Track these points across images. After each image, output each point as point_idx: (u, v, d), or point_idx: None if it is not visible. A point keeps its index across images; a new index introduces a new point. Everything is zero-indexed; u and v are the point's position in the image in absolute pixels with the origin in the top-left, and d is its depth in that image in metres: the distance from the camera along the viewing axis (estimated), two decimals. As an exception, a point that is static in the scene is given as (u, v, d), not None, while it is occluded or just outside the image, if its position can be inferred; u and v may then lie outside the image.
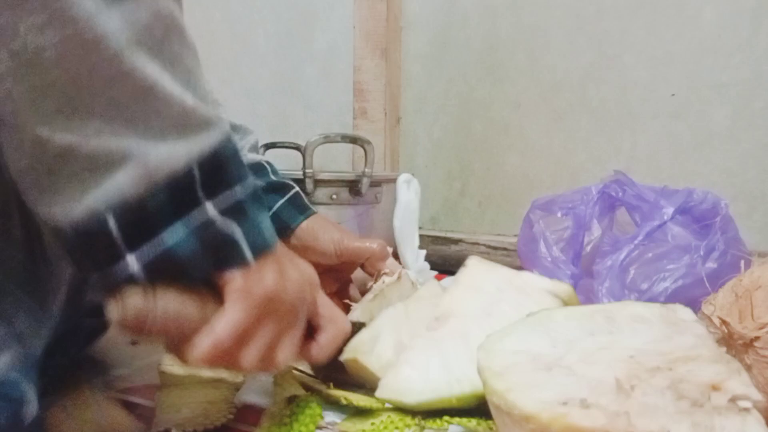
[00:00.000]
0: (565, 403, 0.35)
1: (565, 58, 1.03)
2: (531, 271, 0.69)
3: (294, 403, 0.46)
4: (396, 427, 0.46)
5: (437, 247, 1.10)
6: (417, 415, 0.47)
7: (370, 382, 0.52)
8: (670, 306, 0.44)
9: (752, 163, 0.94)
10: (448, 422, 0.47)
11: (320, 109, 1.24)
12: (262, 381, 0.52)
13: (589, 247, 0.72)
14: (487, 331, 0.44)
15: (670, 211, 0.69)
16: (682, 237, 0.67)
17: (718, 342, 0.44)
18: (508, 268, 0.57)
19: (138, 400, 0.54)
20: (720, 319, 0.45)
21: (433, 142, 1.16)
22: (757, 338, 0.43)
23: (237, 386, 0.55)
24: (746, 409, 0.34)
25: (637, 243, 0.68)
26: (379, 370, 0.51)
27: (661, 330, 0.41)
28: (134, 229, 0.34)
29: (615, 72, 1.00)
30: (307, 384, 0.51)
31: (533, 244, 0.74)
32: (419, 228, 0.86)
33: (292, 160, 0.97)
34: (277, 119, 1.28)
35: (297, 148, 0.96)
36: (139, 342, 0.69)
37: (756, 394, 0.34)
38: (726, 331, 0.45)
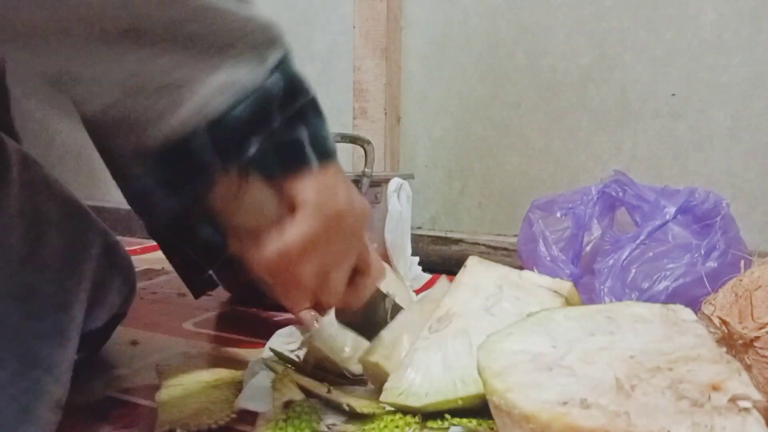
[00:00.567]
0: (565, 403, 0.35)
1: (566, 58, 1.03)
2: (531, 270, 0.69)
3: (290, 407, 0.46)
4: (396, 426, 0.46)
5: (437, 247, 1.10)
6: (418, 415, 0.47)
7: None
8: (671, 306, 0.44)
9: (753, 163, 0.94)
10: (449, 422, 0.46)
11: (320, 109, 1.24)
12: (261, 387, 0.52)
13: (589, 247, 0.72)
14: (489, 330, 0.44)
15: (671, 211, 0.69)
16: (683, 236, 0.67)
17: (718, 342, 0.44)
18: (508, 267, 0.57)
19: (138, 401, 0.54)
20: (720, 319, 0.45)
21: (433, 141, 1.16)
22: (757, 338, 0.43)
23: (238, 387, 0.55)
24: (746, 409, 0.34)
25: (639, 242, 0.68)
26: None
27: (662, 330, 0.41)
28: (222, 140, 0.36)
29: (615, 72, 1.00)
30: (306, 388, 0.51)
31: (533, 244, 0.74)
32: (419, 228, 0.86)
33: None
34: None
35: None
36: (138, 341, 0.69)
37: (756, 394, 0.34)
38: (726, 331, 0.45)
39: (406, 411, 0.48)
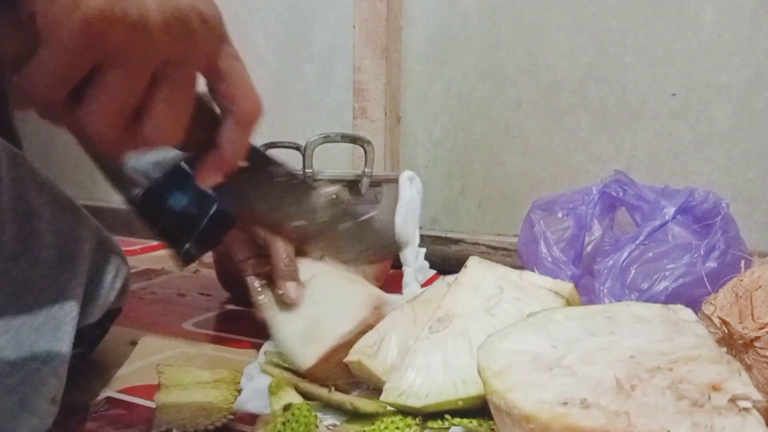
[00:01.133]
0: (565, 403, 0.35)
1: (566, 58, 1.03)
2: (532, 271, 0.69)
3: (289, 411, 0.46)
4: (397, 427, 0.46)
5: (437, 248, 1.10)
6: (418, 416, 0.47)
7: (374, 384, 0.52)
8: (671, 306, 0.44)
9: (753, 163, 0.94)
10: (450, 422, 0.46)
11: (320, 109, 1.24)
12: (260, 389, 0.52)
13: (590, 248, 0.72)
14: (490, 331, 0.44)
15: (671, 211, 0.69)
16: (683, 237, 0.67)
17: (718, 342, 0.44)
18: (509, 268, 0.57)
19: (138, 400, 0.54)
20: (720, 319, 0.45)
21: (433, 141, 1.16)
22: (758, 338, 0.43)
23: (237, 387, 0.55)
24: (746, 409, 0.34)
25: (639, 243, 0.67)
26: (384, 373, 0.51)
27: (662, 330, 0.41)
28: None
29: (615, 72, 1.00)
30: (305, 390, 0.51)
31: (534, 245, 0.74)
32: (419, 228, 0.86)
33: (292, 160, 0.97)
34: (277, 119, 1.28)
35: (297, 147, 0.96)
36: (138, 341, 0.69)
37: (756, 394, 0.34)
38: (726, 331, 0.45)
39: (406, 411, 0.48)
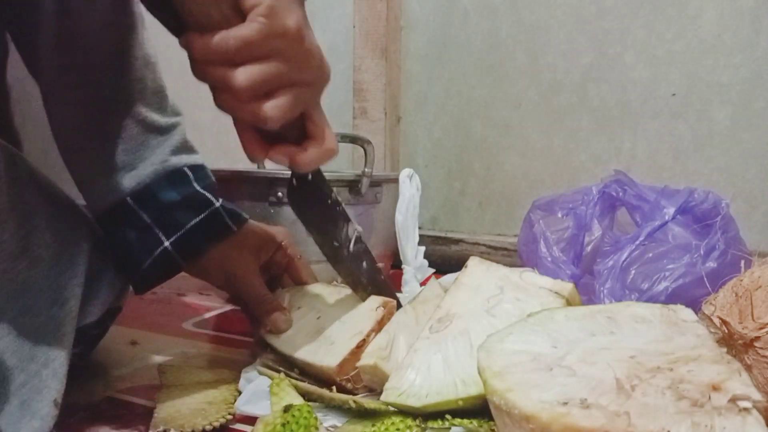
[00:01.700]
0: (565, 403, 0.35)
1: (566, 58, 1.03)
2: (532, 270, 0.69)
3: (289, 412, 0.46)
4: (397, 428, 0.46)
5: (437, 248, 1.10)
6: (418, 417, 0.47)
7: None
8: (672, 306, 0.44)
9: (753, 163, 0.94)
10: (450, 422, 0.46)
11: (320, 109, 1.23)
12: (260, 390, 0.52)
13: (590, 248, 0.72)
14: (490, 331, 0.44)
15: (670, 211, 0.69)
16: (683, 237, 0.67)
17: (718, 342, 0.44)
18: (509, 268, 0.57)
19: (138, 400, 0.54)
20: (720, 319, 0.45)
21: (433, 141, 1.16)
22: (758, 338, 0.43)
23: (237, 388, 0.55)
24: (746, 410, 0.34)
25: (638, 243, 0.67)
26: None
27: (662, 330, 0.41)
28: None
29: (615, 72, 1.00)
30: (305, 391, 0.51)
31: (534, 245, 0.74)
32: (419, 228, 0.86)
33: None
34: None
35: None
36: (138, 342, 0.69)
37: (756, 395, 0.34)
38: (726, 331, 0.45)
39: (406, 411, 0.48)
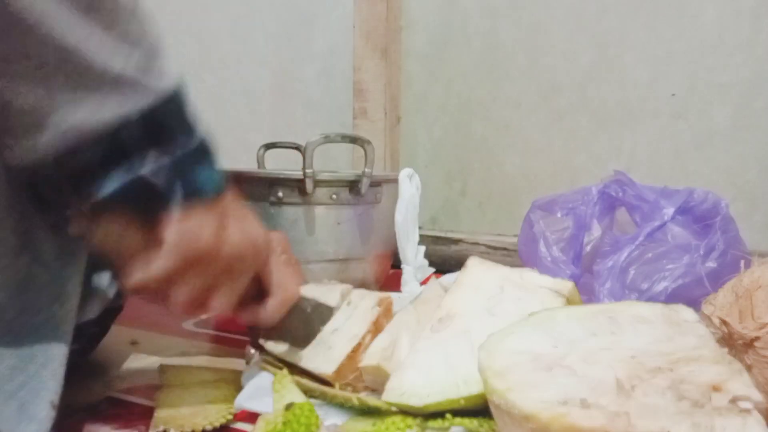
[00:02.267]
0: (564, 403, 0.35)
1: (566, 58, 1.03)
2: (533, 268, 0.69)
3: (290, 410, 0.46)
4: (398, 428, 0.46)
5: (437, 248, 1.10)
6: (419, 416, 0.47)
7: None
8: (673, 306, 0.44)
9: (753, 163, 0.94)
10: (450, 422, 0.46)
11: (320, 109, 1.24)
12: (261, 387, 0.52)
13: (590, 247, 0.72)
14: (491, 330, 0.44)
15: (670, 212, 0.69)
16: (683, 237, 0.67)
17: (717, 342, 0.44)
18: (509, 267, 0.57)
19: (138, 400, 0.54)
20: (720, 319, 0.45)
21: (433, 142, 1.16)
22: (758, 338, 0.43)
23: (237, 387, 0.55)
24: (747, 410, 0.34)
25: (638, 243, 0.67)
26: None
27: (664, 330, 0.41)
28: (72, 179, 0.40)
29: (615, 72, 1.00)
30: (308, 387, 0.51)
31: (533, 245, 0.74)
32: (419, 228, 0.86)
33: (292, 160, 0.97)
34: (277, 119, 1.28)
35: (297, 148, 0.96)
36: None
37: (757, 395, 0.34)
38: (726, 331, 0.45)
39: (407, 411, 0.47)
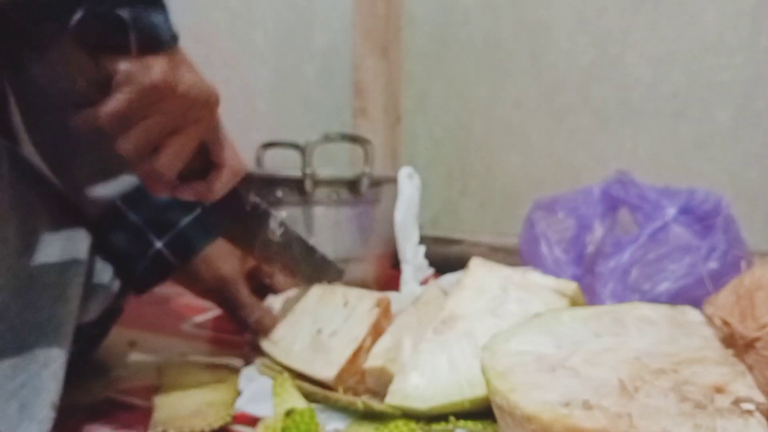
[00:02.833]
0: (567, 404, 0.35)
1: (567, 57, 1.03)
2: (534, 269, 0.68)
3: (290, 417, 0.45)
4: (401, 431, 0.46)
5: (438, 248, 1.09)
6: (422, 419, 0.47)
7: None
8: (679, 308, 0.44)
9: (754, 163, 0.93)
10: (454, 424, 0.46)
11: (320, 109, 1.23)
12: (262, 390, 0.51)
13: (591, 248, 0.72)
14: (494, 332, 0.44)
15: (672, 211, 0.69)
16: (684, 237, 0.67)
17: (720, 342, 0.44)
18: (511, 268, 0.57)
19: (137, 401, 0.54)
20: (721, 319, 0.45)
21: (433, 141, 1.15)
22: (759, 338, 0.42)
23: (236, 389, 0.55)
24: (749, 412, 0.34)
25: (640, 244, 0.67)
26: None
27: (668, 332, 0.41)
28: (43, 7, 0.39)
29: (617, 71, 1.00)
30: (309, 392, 0.50)
31: (535, 245, 0.74)
32: (419, 228, 0.86)
33: (291, 160, 0.97)
34: (277, 119, 1.28)
35: (297, 147, 0.96)
36: (137, 345, 0.69)
37: (760, 397, 0.34)
38: (727, 332, 0.45)
39: (411, 414, 0.47)
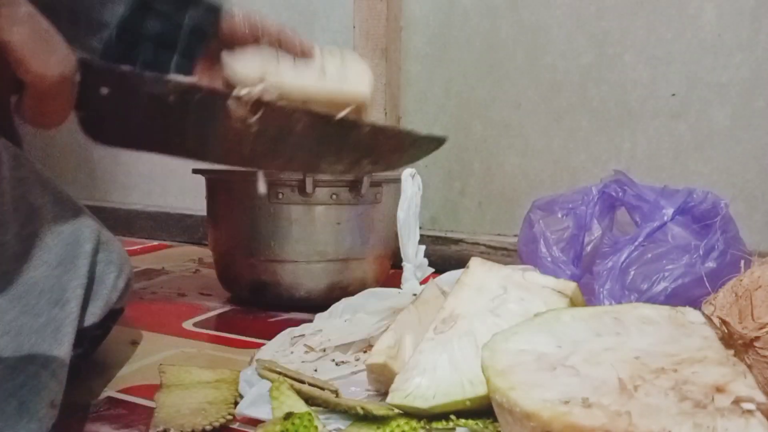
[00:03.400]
0: (566, 402, 0.35)
1: (566, 58, 1.03)
2: (533, 269, 0.69)
3: (289, 420, 0.45)
4: (403, 431, 0.46)
5: (437, 248, 1.10)
6: (423, 418, 0.47)
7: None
8: (679, 308, 0.44)
9: (752, 163, 0.94)
10: (455, 423, 0.46)
11: (320, 109, 1.23)
12: (263, 393, 0.51)
13: (590, 248, 0.72)
14: (495, 331, 0.44)
15: (670, 212, 0.69)
16: (682, 237, 0.67)
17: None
18: (511, 268, 0.57)
19: (138, 400, 0.54)
20: (720, 319, 0.45)
21: (433, 141, 1.15)
22: (757, 338, 0.43)
23: (237, 388, 0.54)
24: (749, 411, 0.34)
25: (637, 244, 0.67)
26: None
27: (669, 332, 0.41)
28: None
29: (615, 72, 1.00)
30: (308, 395, 0.50)
31: (534, 245, 0.74)
32: (419, 228, 0.86)
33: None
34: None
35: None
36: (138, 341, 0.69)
37: (761, 396, 0.34)
38: (726, 332, 0.45)
39: (412, 413, 0.47)
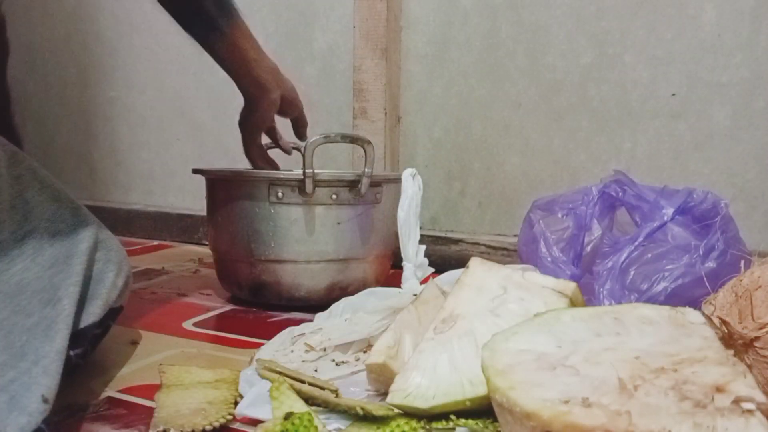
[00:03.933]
0: (566, 402, 0.35)
1: (566, 58, 1.03)
2: (533, 268, 0.69)
3: (288, 420, 0.45)
4: (402, 431, 0.46)
5: (437, 248, 1.10)
6: (423, 419, 0.47)
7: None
8: (679, 308, 0.44)
9: (752, 163, 0.94)
10: (455, 423, 0.46)
11: (320, 109, 1.24)
12: (263, 394, 0.51)
13: (590, 247, 0.72)
14: (495, 331, 0.44)
15: (670, 212, 0.69)
16: (682, 237, 0.67)
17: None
18: (511, 267, 0.57)
19: (138, 400, 0.54)
20: (720, 319, 0.45)
21: (433, 141, 1.16)
22: (757, 338, 0.43)
23: (237, 388, 0.54)
24: (750, 411, 0.34)
25: (637, 244, 0.67)
26: None
27: (669, 332, 0.41)
28: None
29: (615, 72, 1.00)
30: (308, 395, 0.50)
31: (534, 245, 0.74)
32: (419, 228, 0.86)
33: (292, 160, 0.97)
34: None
35: (297, 148, 0.96)
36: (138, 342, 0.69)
37: (761, 396, 0.34)
38: (726, 331, 0.45)
39: (412, 413, 0.47)
